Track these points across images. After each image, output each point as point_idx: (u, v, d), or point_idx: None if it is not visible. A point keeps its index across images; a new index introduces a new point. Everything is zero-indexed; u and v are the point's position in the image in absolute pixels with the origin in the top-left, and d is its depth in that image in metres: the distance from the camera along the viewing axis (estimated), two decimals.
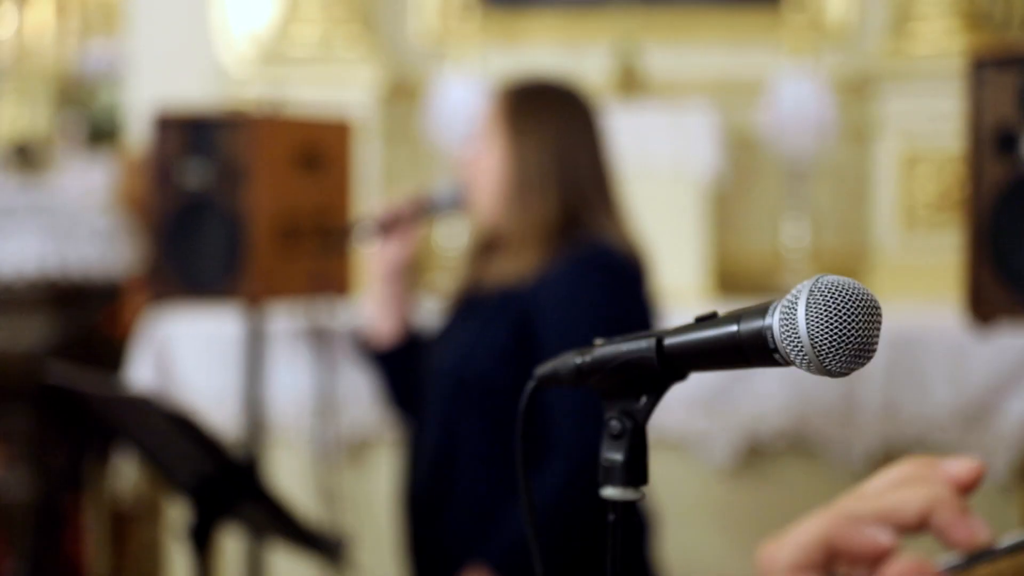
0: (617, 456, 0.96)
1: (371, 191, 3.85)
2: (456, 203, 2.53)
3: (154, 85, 4.26)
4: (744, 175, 4.00)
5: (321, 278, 3.21)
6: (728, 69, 4.05)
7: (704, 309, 0.94)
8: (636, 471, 0.96)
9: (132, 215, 4.27)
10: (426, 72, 4.15)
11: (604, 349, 0.98)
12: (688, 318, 0.92)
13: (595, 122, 2.42)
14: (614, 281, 2.27)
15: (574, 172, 2.35)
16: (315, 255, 3.25)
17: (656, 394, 0.96)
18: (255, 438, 3.24)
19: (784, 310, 0.82)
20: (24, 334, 3.93)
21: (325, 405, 3.40)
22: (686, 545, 3.07)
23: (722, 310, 0.91)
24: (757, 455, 3.21)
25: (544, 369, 1.06)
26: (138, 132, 4.23)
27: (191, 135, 3.13)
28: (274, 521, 2.29)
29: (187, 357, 3.46)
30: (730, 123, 3.95)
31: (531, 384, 1.07)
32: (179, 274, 3.14)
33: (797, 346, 0.82)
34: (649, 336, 0.94)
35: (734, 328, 0.87)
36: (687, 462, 3.30)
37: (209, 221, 3.13)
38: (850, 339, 0.80)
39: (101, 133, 10.54)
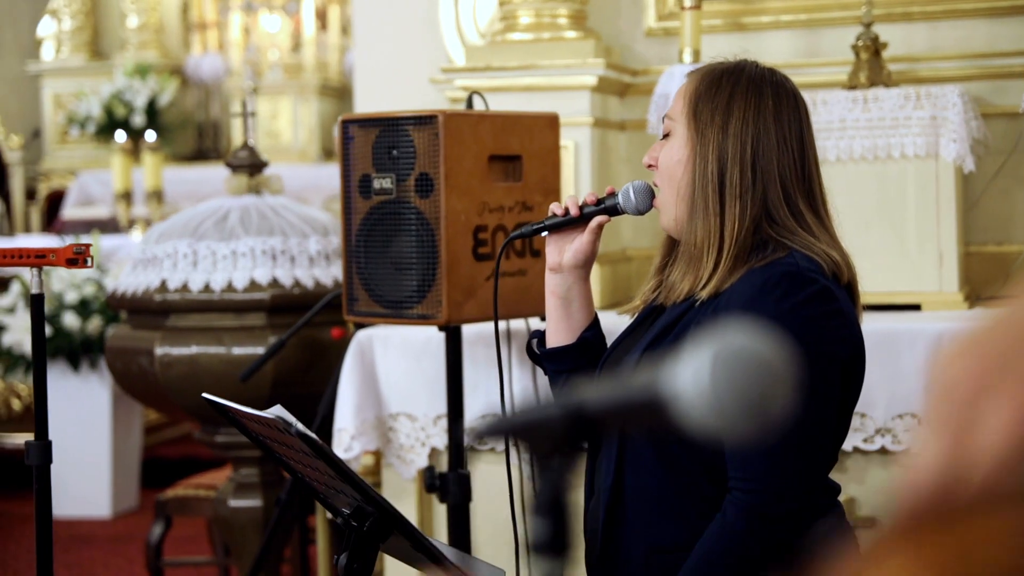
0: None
1: (588, 189, 3.63)
2: (642, 204, 2.27)
3: (377, 95, 4.19)
4: (1003, 164, 3.55)
5: (520, 295, 2.99)
6: (986, 45, 3.61)
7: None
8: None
9: None
10: (650, 62, 3.90)
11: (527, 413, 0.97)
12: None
13: (797, 116, 2.09)
14: (807, 307, 1.96)
15: (768, 175, 2.04)
16: (515, 263, 3.03)
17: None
18: (458, 455, 3.08)
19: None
20: (251, 351, 3.89)
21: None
22: None
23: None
24: None
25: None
26: None
27: (380, 137, 2.95)
28: (424, 557, 2.10)
29: (388, 358, 3.36)
30: (988, 106, 3.52)
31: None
32: (372, 291, 2.99)
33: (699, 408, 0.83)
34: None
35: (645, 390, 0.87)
36: None
37: (401, 229, 2.96)
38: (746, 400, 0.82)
39: None
